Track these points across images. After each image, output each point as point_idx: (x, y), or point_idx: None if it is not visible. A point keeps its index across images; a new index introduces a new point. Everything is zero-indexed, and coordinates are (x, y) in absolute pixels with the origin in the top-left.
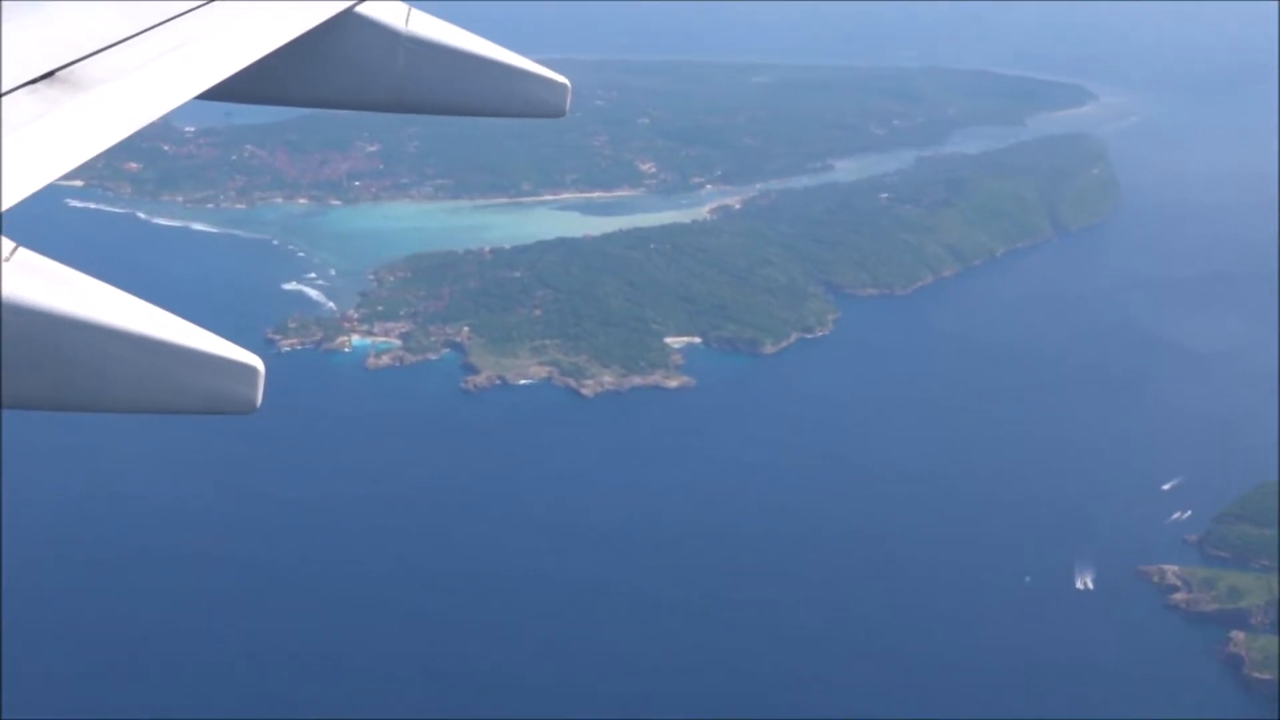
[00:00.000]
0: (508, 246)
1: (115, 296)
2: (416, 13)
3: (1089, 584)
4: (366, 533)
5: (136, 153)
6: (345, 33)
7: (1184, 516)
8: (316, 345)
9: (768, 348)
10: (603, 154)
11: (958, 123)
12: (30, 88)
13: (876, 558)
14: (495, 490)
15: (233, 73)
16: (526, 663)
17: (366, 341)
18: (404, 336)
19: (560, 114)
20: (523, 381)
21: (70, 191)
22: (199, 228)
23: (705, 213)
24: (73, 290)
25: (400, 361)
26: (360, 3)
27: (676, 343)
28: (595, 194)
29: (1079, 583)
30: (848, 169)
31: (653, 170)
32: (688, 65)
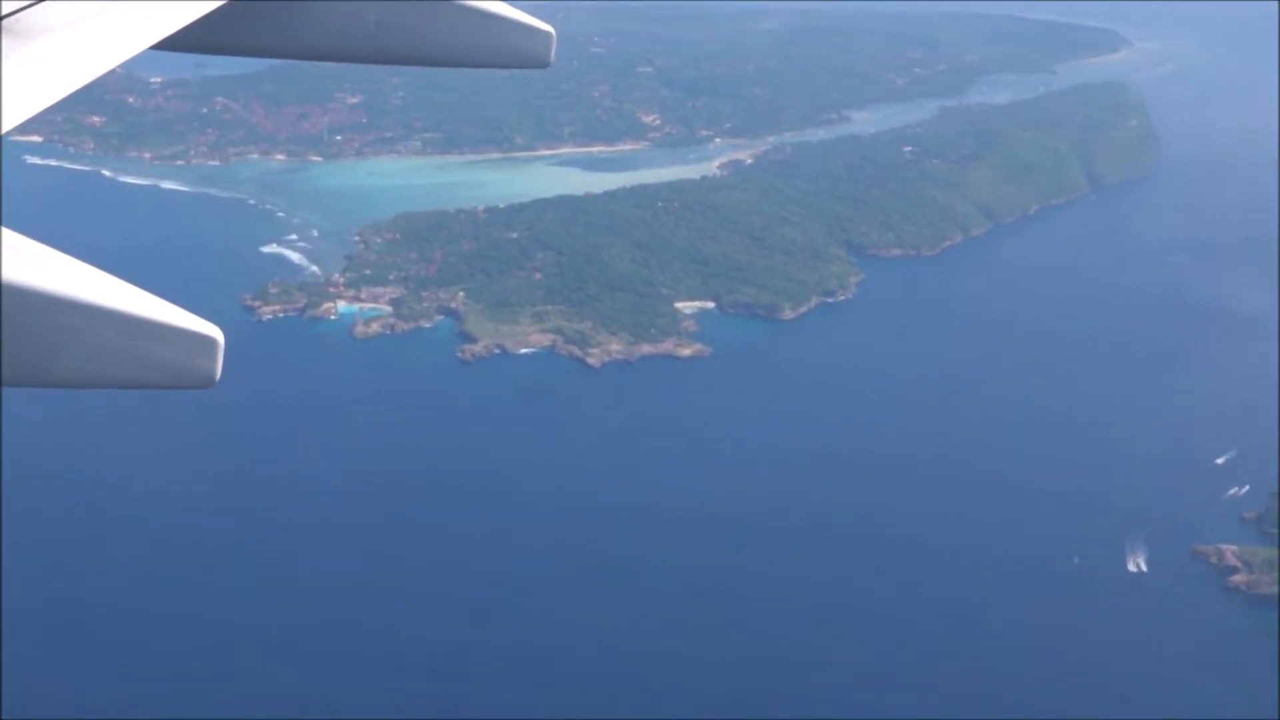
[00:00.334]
0: (503, 205)
1: (57, 260)
2: None
3: (1142, 565)
4: (359, 514)
5: (99, 105)
6: None
7: (1240, 493)
8: (300, 312)
9: (786, 313)
10: (602, 105)
11: (982, 70)
12: None
13: (909, 539)
14: (496, 467)
15: (190, 22)
16: (532, 649)
17: (354, 308)
18: (394, 302)
19: (544, 65)
20: (524, 350)
21: (28, 148)
22: (169, 186)
23: (715, 168)
24: (11, 254)
25: (391, 329)
26: None
27: (688, 308)
28: (595, 148)
29: (1131, 564)
30: (866, 120)
31: (657, 122)
32: (692, 9)
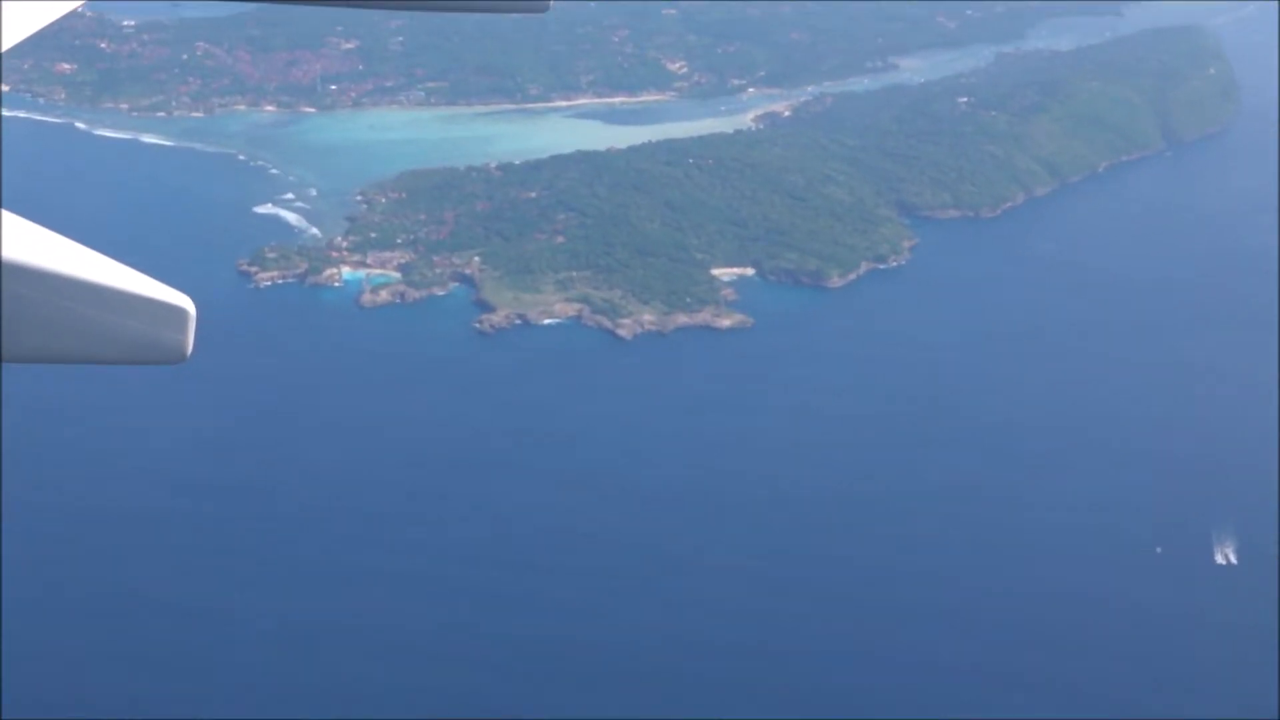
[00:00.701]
0: (518, 161)
1: (10, 223)
2: None
3: (1231, 558)
4: (374, 500)
5: (69, 51)
6: None
7: None
8: (300, 279)
9: (834, 280)
10: (623, 51)
11: (1042, 12)
12: None
13: (974, 522)
14: (521, 447)
15: None
16: (568, 634)
17: (360, 274)
18: (403, 268)
19: (543, 9)
20: (547, 321)
21: None
22: (150, 140)
23: (749, 120)
24: None
25: (401, 298)
26: None
27: (726, 275)
28: (617, 99)
29: (1219, 556)
30: (915, 68)
31: (684, 70)
32: None
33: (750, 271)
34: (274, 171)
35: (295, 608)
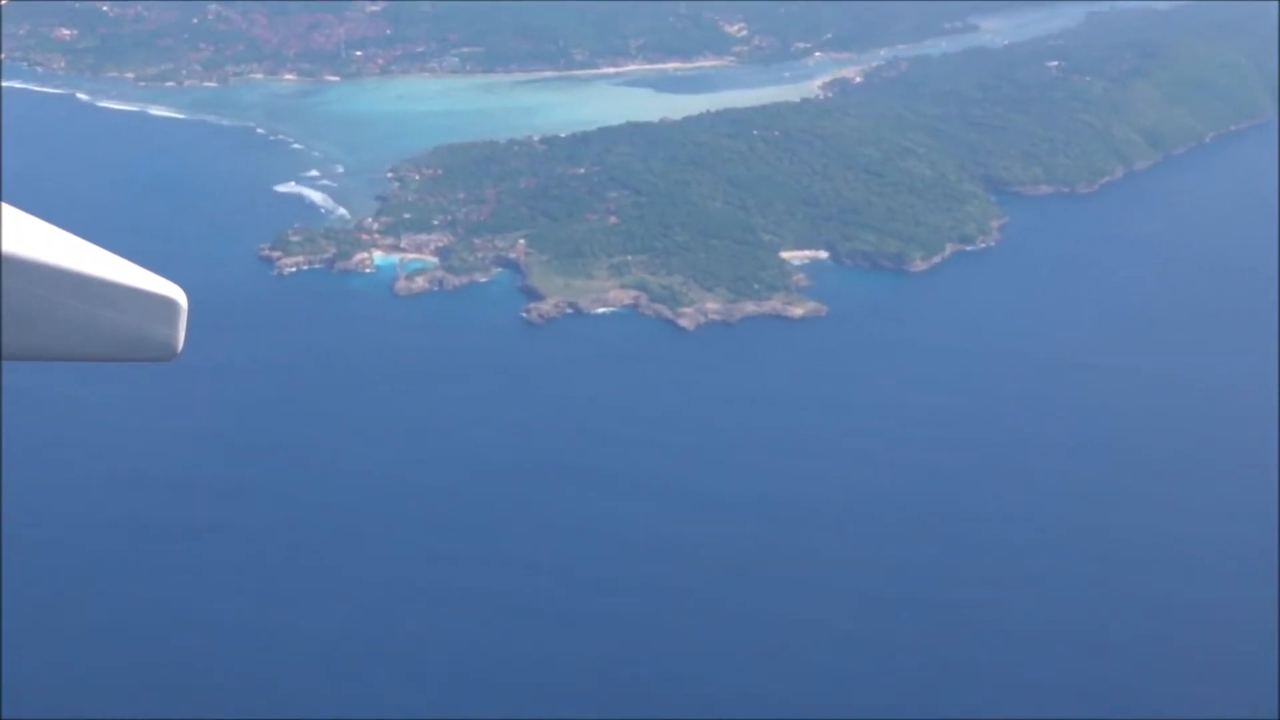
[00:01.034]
0: (564, 134)
1: None
2: None
3: None
4: (420, 510)
5: (69, 15)
6: None
7: None
8: (329, 265)
9: (916, 264)
10: (676, 13)
11: None
12: None
13: (1075, 529)
14: (576, 450)
15: None
16: (650, 668)
17: (393, 259)
18: (441, 252)
19: None
20: (601, 310)
21: None
22: (159, 113)
23: (816, 88)
24: None
25: (440, 285)
26: None
27: (797, 258)
28: (670, 65)
29: None
30: (998, 29)
31: (742, 33)
32: None
33: (823, 254)
34: (296, 146)
35: (337, 621)
